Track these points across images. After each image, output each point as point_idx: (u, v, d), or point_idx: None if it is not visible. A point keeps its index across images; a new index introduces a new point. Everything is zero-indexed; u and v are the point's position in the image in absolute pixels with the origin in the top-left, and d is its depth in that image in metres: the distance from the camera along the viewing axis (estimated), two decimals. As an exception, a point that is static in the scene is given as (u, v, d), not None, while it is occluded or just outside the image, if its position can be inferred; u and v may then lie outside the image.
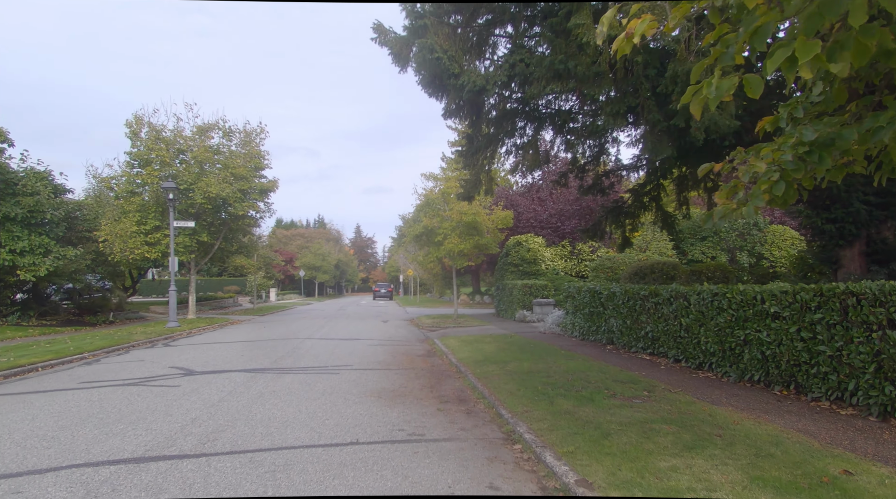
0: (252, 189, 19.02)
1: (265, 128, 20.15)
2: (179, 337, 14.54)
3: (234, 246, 21.83)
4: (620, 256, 18.43)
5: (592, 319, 11.52)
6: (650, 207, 11.83)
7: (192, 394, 6.72)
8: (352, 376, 8.05)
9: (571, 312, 13.00)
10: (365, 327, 17.25)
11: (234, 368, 8.80)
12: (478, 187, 9.96)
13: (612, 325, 10.49)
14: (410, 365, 9.33)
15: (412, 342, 13.12)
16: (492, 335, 13.44)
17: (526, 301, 18.43)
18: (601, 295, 10.98)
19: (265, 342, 12.79)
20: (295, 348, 11.49)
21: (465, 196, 10.44)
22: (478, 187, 9.96)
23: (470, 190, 10.10)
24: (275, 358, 9.97)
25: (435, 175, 20.28)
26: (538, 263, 20.85)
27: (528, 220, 22.67)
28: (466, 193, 10.34)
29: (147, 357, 10.35)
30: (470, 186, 10.04)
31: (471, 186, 10.02)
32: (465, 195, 10.43)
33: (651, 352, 9.15)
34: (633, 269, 13.54)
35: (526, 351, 9.94)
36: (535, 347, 10.65)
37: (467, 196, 10.40)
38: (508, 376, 7.45)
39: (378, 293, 51.25)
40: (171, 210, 16.84)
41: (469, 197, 10.41)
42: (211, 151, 18.36)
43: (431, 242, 20.16)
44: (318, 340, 13.31)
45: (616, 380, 6.99)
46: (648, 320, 9.14)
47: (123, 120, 17.38)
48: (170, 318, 16.69)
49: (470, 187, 10.06)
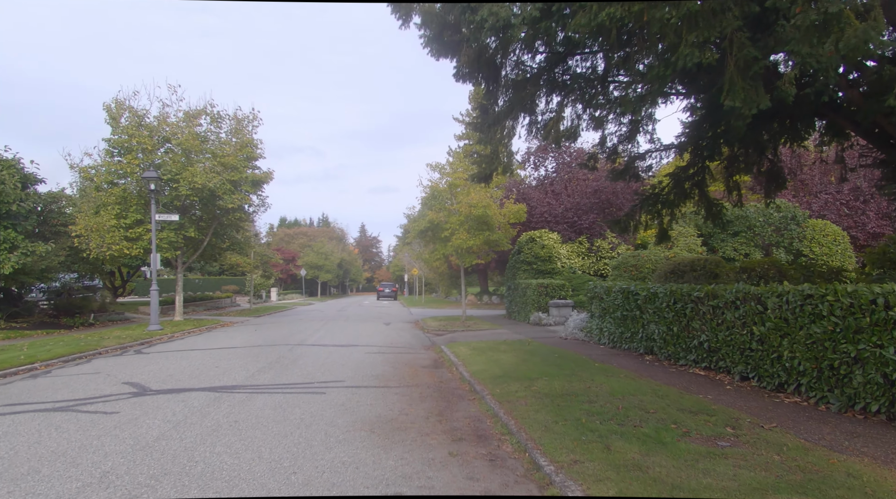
0: (243, 180, 17.51)
1: (258, 115, 18.65)
2: (157, 342, 13.04)
3: (226, 242, 20.33)
4: (645, 254, 16.76)
5: (626, 325, 9.89)
6: (692, 195, 10.17)
7: (128, 426, 5.17)
8: (341, 397, 6.48)
9: (598, 316, 11.36)
10: (365, 331, 15.69)
11: (198, 385, 7.25)
12: (496, 164, 8.30)
13: (653, 332, 8.85)
14: (414, 380, 7.74)
15: (416, 349, 11.55)
16: (506, 341, 11.83)
17: (541, 302, 16.80)
18: (637, 296, 9.34)
19: (249, 349, 11.26)
20: (281, 357, 9.94)
21: (481, 176, 8.78)
22: (496, 164, 8.30)
23: (487, 168, 8.43)
24: (253, 370, 8.42)
25: (441, 165, 18.66)
26: (553, 260, 19.21)
27: (541, 214, 21.02)
28: (482, 172, 8.67)
29: (106, 369, 8.83)
30: (487, 162, 8.37)
31: (488, 163, 8.35)
32: (482, 175, 8.75)
33: (707, 366, 7.50)
34: (668, 266, 11.87)
35: (551, 363, 8.33)
36: (561, 357, 9.03)
37: (484, 175, 8.74)
38: (538, 399, 5.85)
39: (382, 293, 49.71)
40: (153, 202, 15.35)
41: (486, 177, 8.75)
42: (198, 138, 16.85)
43: (437, 239, 18.54)
44: (310, 346, 11.76)
45: (680, 407, 5.37)
46: (703, 328, 7.50)
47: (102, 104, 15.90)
48: (151, 320, 15.21)
49: (487, 164, 8.39)
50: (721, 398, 5.86)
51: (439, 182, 18.42)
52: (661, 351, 8.64)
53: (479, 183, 8.87)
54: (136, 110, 16.35)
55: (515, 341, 11.86)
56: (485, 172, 8.60)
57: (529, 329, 15.08)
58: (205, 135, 17.24)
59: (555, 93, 9.01)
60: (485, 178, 8.75)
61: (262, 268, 28.68)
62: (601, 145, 10.30)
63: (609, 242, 20.24)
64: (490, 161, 8.24)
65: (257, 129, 18.69)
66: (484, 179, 8.78)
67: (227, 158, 17.05)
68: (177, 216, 15.93)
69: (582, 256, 20.22)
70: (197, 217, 18.71)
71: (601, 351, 9.96)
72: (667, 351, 8.49)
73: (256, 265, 27.50)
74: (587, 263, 20.07)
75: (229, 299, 34.94)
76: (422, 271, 45.27)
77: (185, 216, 17.44)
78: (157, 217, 15.60)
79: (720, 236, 18.17)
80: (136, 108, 16.38)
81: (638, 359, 8.88)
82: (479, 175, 8.84)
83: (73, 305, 17.46)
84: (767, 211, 17.63)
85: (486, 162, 8.35)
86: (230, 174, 17.13)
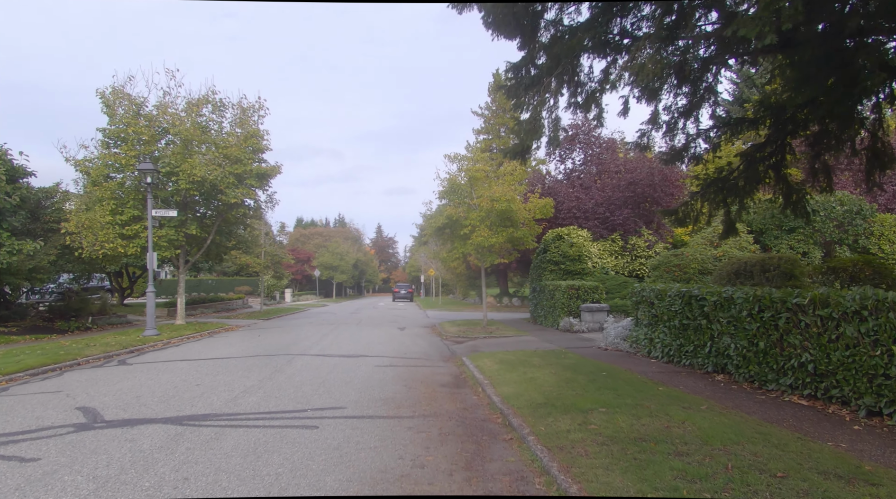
0: (248, 174, 16.23)
1: (264, 104, 17.35)
2: (148, 350, 11.79)
3: (232, 241, 19.12)
4: (689, 252, 14.94)
5: (686, 336, 8.19)
6: (767, 179, 8.42)
7: (35, 486, 3.75)
8: (337, 434, 4.99)
9: (647, 324, 9.67)
10: (377, 337, 14.24)
11: (163, 413, 5.84)
12: (537, 133, 6.62)
13: (727, 346, 7.15)
14: (431, 406, 6.21)
15: (434, 361, 10.02)
16: (537, 352, 10.23)
17: (572, 306, 15.13)
18: (704, 302, 7.65)
19: (244, 360, 9.88)
20: (276, 371, 8.51)
21: (518, 150, 7.11)
22: (537, 133, 6.62)
23: (526, 139, 6.73)
24: (239, 390, 6.99)
25: (460, 156, 17.14)
26: (583, 260, 17.48)
27: (569, 210, 19.29)
28: (519, 145, 6.96)
29: (71, 386, 7.52)
30: (525, 132, 6.69)
31: (527, 133, 6.67)
32: (518, 149, 7.07)
33: (811, 393, 5.79)
34: (731, 266, 10.11)
35: (602, 384, 6.71)
36: (610, 376, 7.39)
37: (521, 149, 7.07)
38: (602, 446, 4.26)
39: (398, 294, 48.43)
40: (149, 196, 14.17)
41: (523, 151, 7.10)
42: (199, 128, 15.64)
43: (456, 236, 17.01)
44: (312, 357, 10.33)
45: (819, 468, 3.71)
46: (807, 344, 5.79)
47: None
48: (147, 325, 14.00)
49: (526, 135, 6.69)
50: (862, 449, 4.18)
51: (458, 175, 16.89)
52: (740, 371, 6.94)
53: (514, 159, 7.29)
54: (134, 98, 15.21)
55: (548, 352, 10.25)
56: (523, 144, 6.91)
57: (560, 337, 13.44)
58: (206, 124, 16.00)
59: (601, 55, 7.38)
60: (522, 152, 7.10)
61: (273, 268, 27.49)
62: (652, 122, 8.60)
63: (645, 239, 18.41)
64: (530, 130, 6.59)
65: (263, 119, 17.41)
66: (520, 153, 7.13)
67: (230, 150, 15.79)
68: (175, 212, 14.72)
69: (615, 256, 18.43)
70: (200, 214, 17.53)
71: (656, 368, 8.28)
72: (747, 371, 6.78)
73: (267, 265, 26.32)
74: (621, 263, 18.28)
75: (241, 301, 33.98)
76: (438, 272, 43.79)
77: (185, 212, 16.25)
78: (154, 213, 14.41)
79: (773, 233, 16.21)
80: (133, 96, 15.24)
81: (706, 380, 7.20)
82: (514, 150, 7.16)
83: (70, 308, 16.43)
84: (829, 204, 15.64)
85: (525, 131, 6.69)
86: (233, 167, 15.87)
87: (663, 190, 18.25)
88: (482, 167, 16.84)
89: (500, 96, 33.42)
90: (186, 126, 15.57)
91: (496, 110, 33.30)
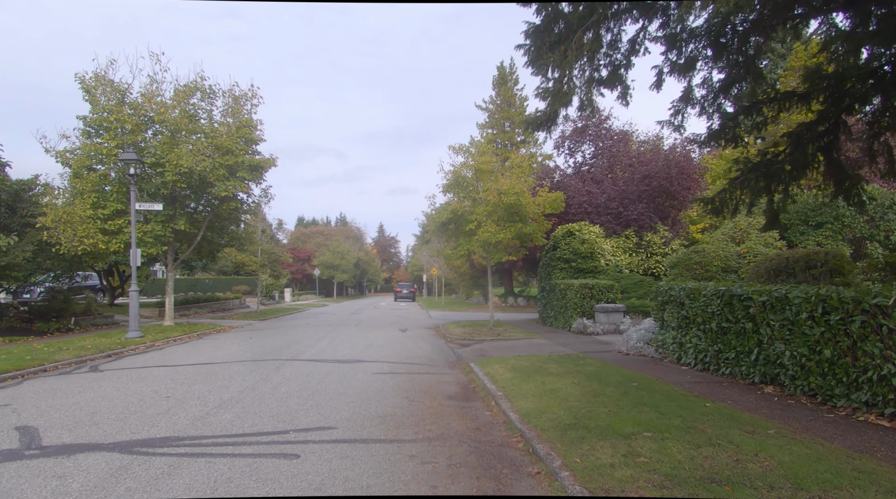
0: (240, 165, 15.26)
1: (258, 92, 16.40)
2: (127, 354, 10.85)
3: (225, 237, 18.17)
4: (711, 249, 13.91)
5: (726, 341, 7.19)
6: (815, 163, 7.42)
7: None
8: (321, 469, 4.02)
9: (675, 327, 8.68)
10: (377, 340, 13.27)
11: (114, 437, 4.88)
12: (566, 98, 5.57)
13: (779, 354, 6.15)
14: (437, 425, 5.24)
15: (439, 367, 9.05)
16: (551, 357, 9.25)
17: (585, 307, 14.13)
18: (749, 302, 6.65)
19: (227, 367, 8.92)
20: (261, 381, 7.55)
21: (544, 119, 6.00)
22: (566, 98, 5.57)
23: (554, 104, 5.62)
24: (213, 405, 6.03)
25: (466, 146, 16.18)
26: (595, 257, 16.48)
27: (579, 205, 18.28)
28: (546, 112, 5.86)
29: (22, 398, 6.57)
30: (553, 96, 5.61)
31: (555, 96, 5.58)
32: (544, 117, 5.96)
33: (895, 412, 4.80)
34: (771, 263, 9.10)
35: (635, 397, 5.72)
36: (643, 387, 6.41)
37: (546, 118, 5.98)
38: (663, 489, 3.28)
39: (399, 294, 47.48)
40: (133, 188, 13.22)
41: (549, 119, 6.03)
42: (186, 115, 14.68)
43: (461, 232, 16.03)
44: (305, 363, 9.36)
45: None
46: (890, 354, 4.80)
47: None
48: (130, 326, 13.06)
49: (553, 99, 5.60)
50: None
51: (463, 168, 15.90)
52: (796, 383, 5.94)
53: (537, 131, 6.25)
54: (117, 84, 14.26)
55: (564, 357, 9.28)
56: (550, 109, 5.81)
57: (574, 339, 12.45)
58: (195, 113, 15.04)
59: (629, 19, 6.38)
60: (547, 121, 6.03)
61: (270, 267, 26.52)
62: (685, 100, 7.60)
63: (661, 236, 17.38)
64: (557, 93, 5.53)
65: (257, 108, 16.46)
66: (546, 122, 6.05)
67: (220, 140, 14.84)
68: (161, 206, 13.76)
69: (629, 253, 17.41)
70: (191, 208, 16.59)
71: (691, 377, 7.29)
72: (806, 384, 5.79)
73: (264, 264, 25.35)
74: (635, 261, 17.26)
75: (238, 301, 33.05)
76: (441, 271, 42.81)
77: (173, 207, 15.31)
78: (138, 206, 13.46)
79: (799, 228, 15.18)
80: (116, 83, 14.29)
81: (753, 392, 6.21)
82: (538, 120, 5.99)
83: (52, 309, 15.48)
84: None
85: (553, 95, 5.61)
86: (224, 158, 14.91)
87: (680, 183, 17.23)
88: (489, 159, 15.85)
89: (504, 90, 32.41)
90: (174, 115, 14.63)
91: (501, 104, 32.29)
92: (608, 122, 21.37)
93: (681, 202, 18.00)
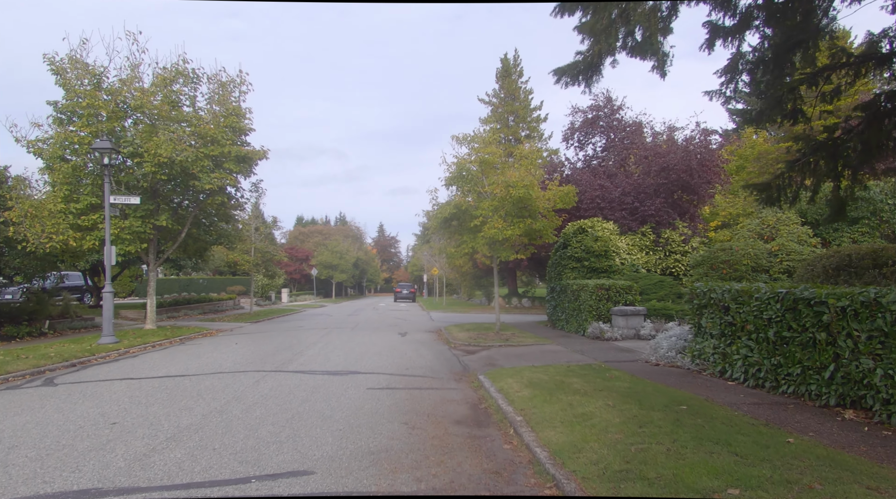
0: (226, 156, 14.08)
1: (246, 78, 15.24)
2: (94, 363, 9.69)
3: (213, 234, 17.00)
4: (739, 247, 12.73)
5: (789, 354, 6.02)
6: (889, 143, 6.23)
7: None
8: (286, 544, 2.84)
9: (717, 335, 7.50)
10: (373, 346, 12.11)
11: (15, 490, 3.71)
12: (614, 34, 4.34)
13: (865, 371, 4.98)
14: (444, 469, 4.07)
15: (443, 381, 7.87)
16: (571, 368, 8.08)
17: (601, 309, 12.96)
18: (822, 307, 5.48)
19: (200, 380, 7.75)
20: (234, 399, 6.38)
21: (585, 65, 4.80)
22: (614, 34, 4.34)
23: (596, 47, 4.35)
24: (164, 436, 4.87)
25: (470, 136, 15.03)
26: (610, 256, 15.31)
27: (591, 199, 17.09)
28: (588, 56, 4.61)
29: (-61, 423, 5.40)
30: (598, 35, 4.41)
31: (600, 33, 4.37)
32: (586, 62, 4.72)
33: None
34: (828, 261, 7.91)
35: (693, 428, 4.55)
36: (695, 411, 5.24)
37: (589, 63, 4.74)
38: None
39: (399, 294, 46.34)
40: (107, 180, 12.05)
41: (592, 66, 4.79)
42: (168, 102, 13.50)
43: (465, 229, 14.86)
44: (289, 374, 8.19)
45: None
46: None
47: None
48: (104, 331, 11.90)
49: (596, 40, 4.37)
50: None
51: (467, 159, 14.73)
52: (891, 408, 4.76)
53: (575, 82, 5.04)
54: (92, 68, 13.08)
55: (586, 368, 8.11)
56: (592, 54, 4.59)
57: (591, 346, 11.29)
58: (176, 98, 13.86)
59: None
60: (590, 68, 4.77)
61: (264, 267, 25.35)
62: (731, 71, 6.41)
63: (680, 233, 16.19)
64: (603, 30, 4.28)
65: (246, 96, 15.30)
66: (587, 70, 4.81)
67: (204, 128, 13.68)
68: (137, 199, 12.61)
69: (645, 251, 16.23)
70: (176, 203, 15.43)
71: (745, 396, 6.12)
72: (909, 411, 4.61)
73: (257, 263, 24.19)
74: (652, 260, 16.08)
75: (232, 301, 31.92)
76: (442, 271, 41.63)
77: (155, 201, 14.14)
78: (113, 199, 12.29)
79: (832, 225, 14.02)
80: (91, 66, 13.11)
81: (832, 418, 5.04)
82: (576, 67, 4.76)
83: (24, 311, 14.34)
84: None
85: (599, 32, 4.38)
86: (209, 148, 13.75)
87: (700, 176, 16.04)
88: (494, 150, 14.68)
89: (508, 83, 31.22)
90: (156, 101, 13.46)
91: (505, 98, 31.12)
92: (620, 112, 20.19)
93: (701, 197, 16.82)
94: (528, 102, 31.35)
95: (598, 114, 20.15)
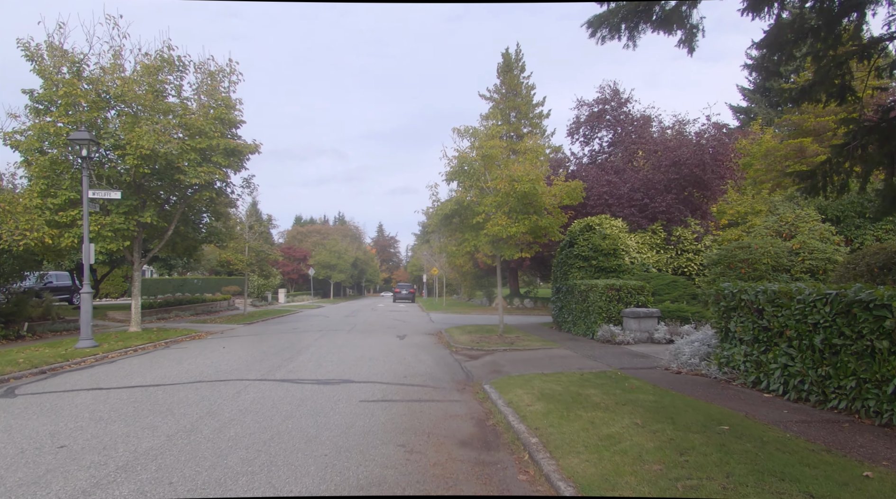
0: (214, 149, 13.32)
1: (236, 68, 14.48)
2: (65, 370, 8.93)
3: (202, 232, 16.24)
4: (759, 244, 11.99)
5: (840, 364, 5.27)
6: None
7: None
8: None
9: (749, 341, 6.76)
10: (370, 350, 11.36)
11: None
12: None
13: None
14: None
15: (445, 391, 7.12)
16: (585, 376, 7.33)
17: (612, 311, 12.22)
18: (884, 311, 4.73)
19: (175, 390, 7.00)
20: (207, 415, 5.63)
21: (630, 11, 4.14)
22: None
23: None
24: (115, 466, 4.12)
25: (472, 129, 14.30)
26: (619, 254, 14.58)
27: (598, 195, 16.34)
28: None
29: None
30: None
31: None
32: (631, 7, 4.09)
33: None
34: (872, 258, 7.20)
35: (743, 457, 3.81)
36: (739, 432, 4.50)
37: (634, 12, 4.11)
38: None
39: (398, 295, 45.61)
40: (85, 174, 11.29)
41: (640, 12, 4.15)
42: (152, 91, 12.74)
43: (466, 226, 14.11)
44: (274, 384, 7.43)
45: None
46: None
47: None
48: (81, 334, 11.14)
49: None
50: None
51: (469, 152, 13.99)
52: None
53: (616, 32, 4.33)
54: (71, 55, 12.32)
55: (601, 377, 7.36)
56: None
57: (602, 350, 10.55)
58: (161, 88, 13.10)
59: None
60: (632, 14, 4.09)
61: (258, 266, 24.60)
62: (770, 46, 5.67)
63: (692, 230, 15.45)
64: None
65: (236, 86, 14.54)
66: (630, 17, 4.12)
67: (190, 119, 12.92)
68: (118, 194, 11.85)
69: (656, 250, 15.49)
70: (162, 198, 14.67)
71: (788, 411, 5.38)
72: None
73: (251, 262, 23.42)
74: (664, 259, 15.34)
75: (227, 302, 31.10)
76: (442, 271, 40.88)
77: (137, 196, 13.38)
78: (92, 194, 11.54)
79: (854, 221, 13.29)
80: (70, 53, 12.35)
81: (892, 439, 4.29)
82: (617, 11, 4.05)
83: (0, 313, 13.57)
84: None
85: None
86: (196, 141, 13.00)
87: (714, 171, 15.30)
88: (498, 143, 13.94)
89: (510, 78, 30.46)
90: (141, 90, 12.69)
91: (506, 93, 30.36)
92: (628, 106, 19.46)
93: (713, 193, 16.08)
94: (531, 98, 30.61)
95: (605, 107, 19.41)
